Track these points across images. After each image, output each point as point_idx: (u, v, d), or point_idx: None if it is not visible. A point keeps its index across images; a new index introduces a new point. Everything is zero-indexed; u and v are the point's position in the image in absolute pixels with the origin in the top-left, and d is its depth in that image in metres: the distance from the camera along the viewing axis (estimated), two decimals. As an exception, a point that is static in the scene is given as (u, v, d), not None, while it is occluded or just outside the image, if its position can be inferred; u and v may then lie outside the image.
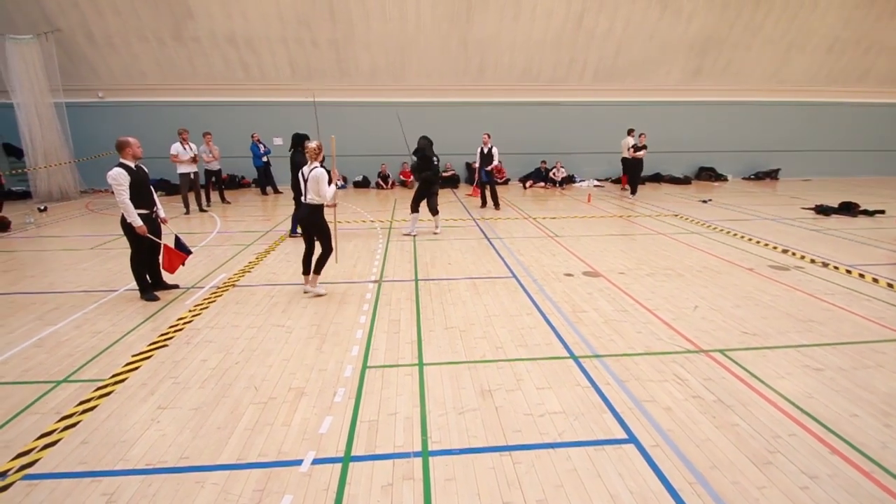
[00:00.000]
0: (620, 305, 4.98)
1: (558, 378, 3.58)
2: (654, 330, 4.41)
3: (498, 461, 2.71)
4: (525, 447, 2.83)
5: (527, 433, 2.95)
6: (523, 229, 8.68)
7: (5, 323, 4.63)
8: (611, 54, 14.14)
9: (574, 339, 4.21)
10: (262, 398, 3.34)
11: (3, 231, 8.74)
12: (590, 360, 3.86)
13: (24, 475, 2.61)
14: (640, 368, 3.72)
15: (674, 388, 3.47)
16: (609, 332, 4.34)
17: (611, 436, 2.94)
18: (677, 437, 2.93)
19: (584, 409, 3.20)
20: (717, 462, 2.72)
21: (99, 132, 13.57)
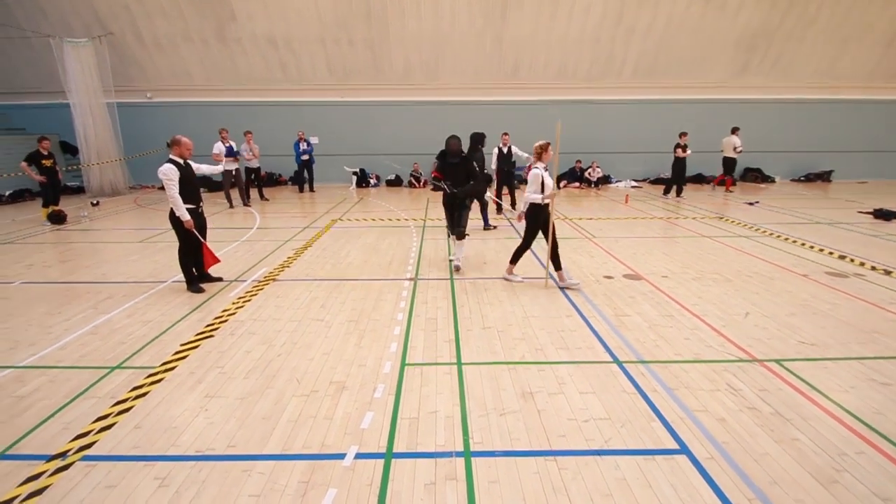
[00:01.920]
0: (665, 310, 4.79)
1: (602, 383, 3.46)
2: (702, 337, 4.21)
3: (542, 466, 2.64)
4: (570, 453, 2.74)
5: (571, 438, 2.86)
6: (559, 230, 8.42)
7: (63, 310, 4.88)
8: (651, 51, 13.71)
9: (617, 344, 4.07)
10: (305, 391, 3.38)
11: (60, 224, 9.26)
12: (635, 365, 3.72)
13: (82, 456, 2.73)
14: (689, 376, 3.56)
15: (727, 398, 3.30)
16: (654, 338, 4.18)
17: (661, 445, 2.81)
18: (733, 449, 2.78)
19: (631, 417, 3.08)
20: (778, 478, 2.55)
21: (147, 131, 14.22)
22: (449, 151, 5.84)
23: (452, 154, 5.82)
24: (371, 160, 15.00)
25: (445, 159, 5.89)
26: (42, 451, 2.78)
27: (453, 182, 5.89)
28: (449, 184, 5.93)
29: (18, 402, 3.28)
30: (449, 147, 5.83)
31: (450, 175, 5.90)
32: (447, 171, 5.91)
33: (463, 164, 5.88)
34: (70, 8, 12.68)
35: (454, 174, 5.88)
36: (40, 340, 4.19)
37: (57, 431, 2.95)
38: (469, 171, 5.89)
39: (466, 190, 5.92)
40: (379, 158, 14.94)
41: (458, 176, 5.88)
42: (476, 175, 5.94)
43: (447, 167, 5.90)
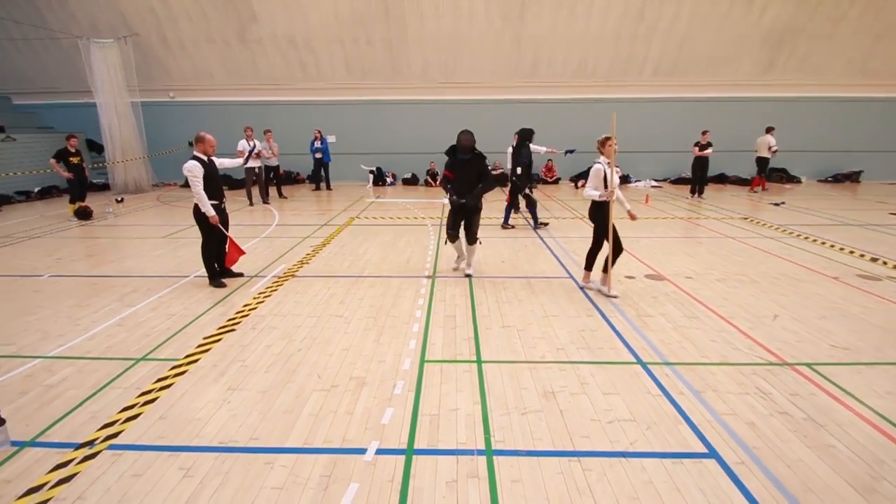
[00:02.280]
0: (690, 311, 4.68)
1: (626, 384, 3.39)
2: (729, 339, 4.10)
3: (566, 466, 2.59)
4: (595, 454, 2.68)
5: (595, 440, 2.80)
6: (578, 229, 8.41)
7: (91, 303, 4.99)
8: (674, 48, 13.45)
9: (641, 345, 3.98)
10: (325, 385, 3.38)
11: (86, 219, 9.50)
12: (659, 367, 3.63)
13: (109, 445, 2.77)
14: (717, 379, 3.46)
15: (756, 402, 3.19)
16: (679, 339, 4.08)
17: (689, 449, 2.74)
18: (764, 455, 2.68)
19: (656, 419, 3.00)
20: (813, 486, 2.46)
21: (169, 130, 14.52)
22: (460, 147, 5.34)
23: (464, 150, 5.32)
24: (388, 159, 15.05)
25: (455, 155, 5.43)
26: (70, 440, 2.83)
27: (463, 181, 5.42)
28: (455, 199, 5.48)
29: (48, 391, 3.36)
30: (460, 142, 5.32)
31: (460, 174, 5.43)
32: (457, 169, 5.44)
33: (475, 161, 5.39)
34: (98, 10, 13.01)
35: (465, 173, 5.40)
36: (69, 332, 4.29)
37: (84, 420, 3.01)
38: (481, 169, 5.41)
39: (476, 195, 5.44)
40: (397, 157, 14.98)
41: (469, 175, 5.40)
42: (488, 175, 5.46)
43: (457, 164, 5.43)
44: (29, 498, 2.39)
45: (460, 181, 5.45)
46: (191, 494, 2.38)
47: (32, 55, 14.09)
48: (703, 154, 11.54)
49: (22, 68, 14.45)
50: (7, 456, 2.70)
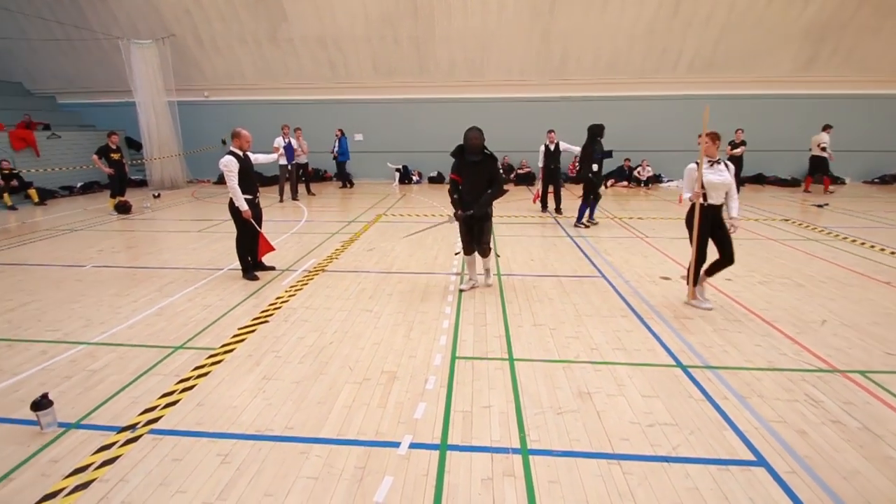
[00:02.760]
0: (731, 314, 4.49)
1: (665, 387, 3.27)
2: (775, 344, 3.91)
3: (605, 469, 2.50)
4: (635, 458, 2.59)
5: (635, 443, 2.70)
6: (608, 229, 8.22)
7: (131, 293, 5.15)
8: (710, 43, 13.01)
9: (680, 347, 3.84)
10: (357, 378, 3.38)
11: (125, 213, 9.86)
12: (700, 370, 3.49)
13: (150, 429, 2.84)
14: (763, 385, 3.30)
15: (806, 409, 3.03)
16: (721, 343, 3.91)
17: (735, 456, 2.61)
18: (817, 465, 2.54)
19: (699, 424, 2.88)
20: (872, 499, 2.31)
21: (203, 128, 14.95)
22: (468, 147, 4.61)
23: (472, 150, 4.60)
24: (414, 157, 15.09)
25: (463, 157, 4.73)
26: (113, 423, 2.91)
27: (472, 186, 4.76)
28: (460, 213, 4.82)
29: (91, 375, 3.47)
30: (468, 141, 4.58)
31: (468, 177, 4.76)
32: (465, 173, 4.77)
33: (486, 164, 4.68)
34: (137, 12, 13.48)
35: (474, 176, 4.73)
36: (110, 319, 4.44)
37: (126, 405, 3.09)
38: (492, 173, 4.72)
39: (483, 203, 4.73)
40: (423, 156, 15.02)
41: (479, 179, 4.72)
42: (498, 179, 4.76)
43: (465, 167, 4.73)
44: (75, 478, 2.46)
45: (469, 186, 4.78)
46: (229, 480, 2.41)
47: (75, 56, 14.73)
48: (736, 153, 11.13)
49: (66, 69, 15.12)
50: (55, 436, 2.79)
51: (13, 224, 9.12)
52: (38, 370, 3.55)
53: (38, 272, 5.95)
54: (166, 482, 2.41)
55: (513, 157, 14.71)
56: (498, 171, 4.82)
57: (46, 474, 2.50)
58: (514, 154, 14.71)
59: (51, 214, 10.08)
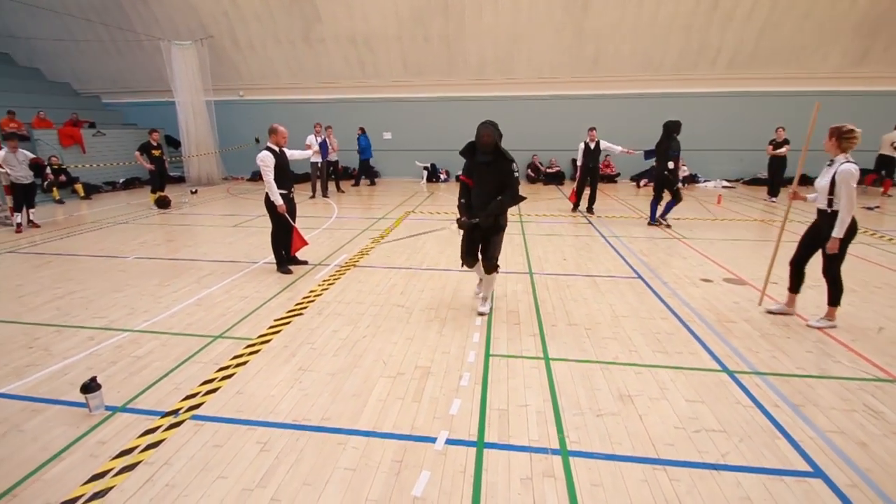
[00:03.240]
0: (779, 319, 4.28)
1: (711, 392, 3.13)
2: (828, 350, 3.69)
3: (650, 474, 2.40)
4: (681, 464, 2.47)
5: (681, 449, 2.59)
6: (642, 228, 7.99)
7: (172, 283, 5.31)
8: (752, 37, 12.49)
9: (725, 351, 3.67)
10: (391, 372, 3.37)
11: (165, 208, 10.21)
12: (748, 376, 3.33)
13: (192, 415, 2.90)
14: (817, 393, 3.12)
15: (866, 420, 2.84)
16: (769, 348, 3.72)
17: (790, 466, 2.46)
18: (881, 479, 2.37)
19: (749, 431, 2.73)
20: (947, 520, 2.13)
21: (238, 127, 15.36)
22: (479, 145, 3.96)
23: (484, 149, 3.95)
24: (442, 156, 15.09)
25: (474, 156, 4.08)
26: (157, 408, 2.99)
27: (481, 190, 4.08)
28: (464, 220, 4.17)
29: (136, 361, 3.58)
30: (479, 138, 3.94)
31: (478, 180, 4.10)
32: (474, 174, 4.13)
33: (499, 165, 3.98)
34: (178, 14, 13.96)
35: (484, 179, 4.07)
36: (153, 308, 4.59)
37: (169, 391, 3.17)
38: (505, 176, 4.00)
39: (491, 212, 4.03)
40: (451, 154, 14.98)
41: (489, 182, 4.04)
42: (513, 184, 4.01)
43: (475, 168, 4.09)
44: (121, 459, 2.54)
45: (478, 190, 4.11)
46: (268, 468, 2.43)
47: (119, 57, 15.37)
48: (778, 153, 10.63)
49: (110, 70, 15.80)
50: (102, 419, 2.89)
51: (61, 217, 9.58)
52: (86, 355, 3.69)
53: (85, 262, 6.21)
54: (208, 467, 2.45)
55: (542, 155, 14.52)
56: (513, 174, 3.99)
57: (95, 455, 2.58)
58: (543, 153, 14.52)
59: (95, 208, 10.54)
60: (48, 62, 15.88)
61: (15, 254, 6.72)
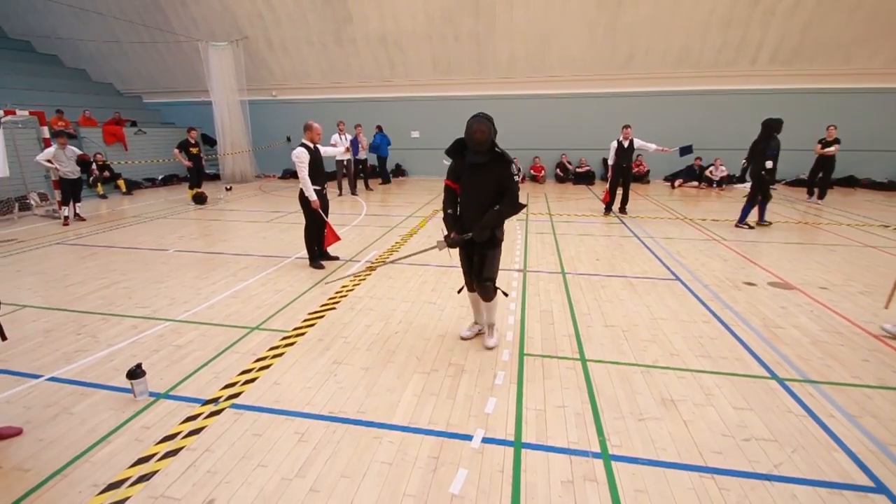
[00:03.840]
0: (831, 326, 4.05)
1: (760, 400, 2.98)
2: (886, 360, 3.47)
3: (698, 482, 2.30)
4: (731, 473, 2.36)
5: (730, 457, 2.47)
6: (679, 230, 7.73)
7: (209, 276, 5.45)
8: (796, 32, 11.94)
9: (773, 358, 3.50)
10: (425, 369, 3.35)
11: (202, 204, 10.52)
12: (800, 384, 3.16)
13: (231, 404, 2.95)
14: (875, 404, 2.93)
15: (934, 436, 2.64)
16: (821, 356, 3.53)
17: (849, 479, 2.32)
18: (954, 500, 2.19)
19: (803, 442, 2.59)
20: None
21: (270, 126, 15.71)
22: (471, 143, 3.19)
23: (476, 147, 3.18)
24: (470, 155, 15.03)
25: (463, 156, 3.32)
26: (198, 395, 3.06)
27: (473, 198, 3.34)
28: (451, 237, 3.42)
29: (177, 350, 3.68)
30: (471, 134, 3.16)
31: (469, 186, 3.34)
32: (464, 179, 3.35)
33: (493, 168, 3.23)
34: (215, 15, 14.37)
35: (476, 185, 3.30)
36: (192, 299, 4.71)
37: (209, 380, 3.24)
38: (502, 178, 3.25)
39: (487, 225, 3.29)
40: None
41: (483, 189, 3.29)
42: (512, 190, 3.27)
43: (464, 171, 3.32)
44: (165, 444, 2.60)
45: (469, 199, 3.37)
46: (307, 458, 2.44)
47: (159, 59, 15.94)
48: (827, 152, 10.12)
49: (151, 71, 16.41)
50: (146, 405, 2.97)
51: (104, 211, 9.99)
52: (129, 343, 3.82)
53: (127, 254, 6.45)
54: (248, 455, 2.48)
55: (571, 154, 14.28)
56: (512, 177, 3.26)
57: (139, 439, 2.65)
58: (572, 152, 14.28)
59: (136, 203, 10.95)
60: (93, 64, 16.63)
61: (63, 245, 7.04)
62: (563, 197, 11.47)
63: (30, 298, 4.81)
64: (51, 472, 2.41)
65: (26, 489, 2.30)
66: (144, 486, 2.30)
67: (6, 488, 2.31)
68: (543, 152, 14.42)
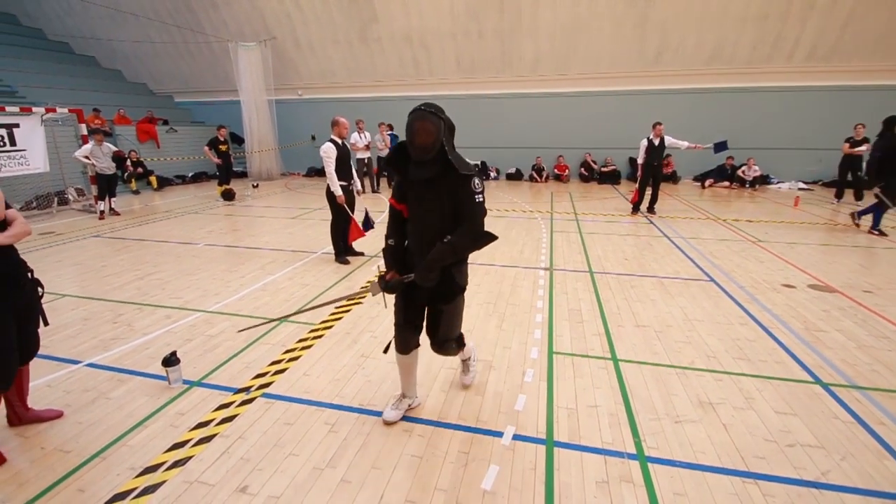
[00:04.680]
0: (877, 330, 3.85)
1: (804, 405, 2.85)
2: (941, 367, 3.28)
3: (741, 488, 2.20)
4: (776, 479, 2.25)
5: (774, 463, 2.36)
6: (712, 230, 7.50)
7: (238, 269, 5.55)
8: (836, 27, 11.46)
9: (816, 362, 3.34)
10: (453, 364, 3.32)
11: (230, 200, 10.75)
12: (847, 390, 3.00)
13: (262, 393, 2.98)
14: (931, 413, 2.76)
15: None
16: (868, 361, 3.36)
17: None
18: None
19: (852, 450, 2.46)
20: None
21: (296, 125, 15.95)
22: (412, 149, 2.30)
23: (420, 155, 2.28)
24: (492, 153, 14.97)
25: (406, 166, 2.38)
26: (230, 384, 3.10)
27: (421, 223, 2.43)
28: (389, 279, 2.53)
29: (209, 340, 3.75)
30: (412, 139, 2.27)
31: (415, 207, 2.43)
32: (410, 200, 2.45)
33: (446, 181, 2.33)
34: (244, 16, 14.67)
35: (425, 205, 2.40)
36: (223, 291, 4.80)
37: (240, 369, 3.29)
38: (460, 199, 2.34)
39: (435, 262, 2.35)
40: (501, 152, 14.88)
41: (433, 213, 2.39)
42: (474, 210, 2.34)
43: (408, 186, 2.43)
44: (200, 431, 2.64)
45: (416, 226, 2.46)
46: (338, 449, 2.45)
47: (190, 59, 16.37)
48: (855, 152, 9.66)
49: (182, 71, 16.87)
50: (180, 392, 3.03)
51: (137, 206, 10.31)
52: (164, 332, 3.91)
53: (160, 247, 6.63)
54: (280, 444, 2.50)
55: (596, 153, 14.05)
56: (472, 196, 2.32)
57: (175, 425, 2.70)
58: (598, 151, 14.04)
59: (167, 199, 11.27)
60: (128, 64, 17.20)
61: (99, 238, 7.28)
62: (588, 196, 11.29)
63: (69, 288, 4.98)
64: (90, 455, 2.47)
65: (67, 470, 2.37)
66: (180, 471, 2.33)
67: (49, 468, 2.38)
68: (568, 151, 14.23)
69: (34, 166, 8.97)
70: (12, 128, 8.59)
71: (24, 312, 2.53)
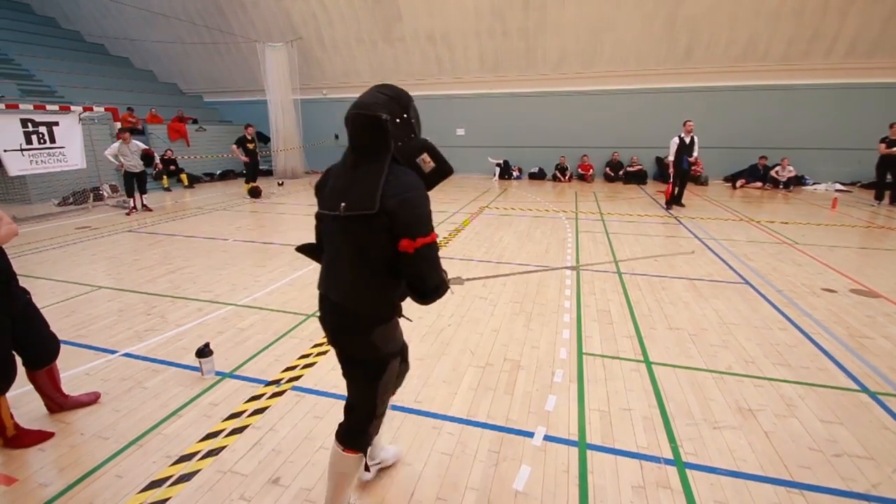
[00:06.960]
0: (928, 337, 3.66)
1: (850, 414, 2.71)
2: None
3: (786, 498, 2.11)
4: (823, 490, 2.15)
5: (820, 473, 2.26)
6: (745, 232, 7.26)
7: (267, 264, 5.64)
8: (879, 21, 10.95)
9: (862, 370, 3.19)
10: (480, 362, 3.29)
11: (256, 197, 10.95)
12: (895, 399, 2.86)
13: (292, 386, 3.01)
14: None
15: None
16: (920, 369, 3.19)
17: (968, 510, 2.05)
18: None
19: (907, 463, 2.33)
20: None
21: (320, 124, 16.14)
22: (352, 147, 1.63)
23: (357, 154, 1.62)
24: (515, 152, 14.86)
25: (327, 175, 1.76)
26: (260, 377, 3.14)
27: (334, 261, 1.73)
28: None
29: (240, 332, 3.81)
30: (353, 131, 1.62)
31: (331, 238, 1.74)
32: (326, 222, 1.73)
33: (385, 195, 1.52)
34: (272, 17, 14.92)
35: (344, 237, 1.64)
36: (252, 286, 4.88)
37: (270, 362, 3.33)
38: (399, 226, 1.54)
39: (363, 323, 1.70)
40: (524, 151, 14.76)
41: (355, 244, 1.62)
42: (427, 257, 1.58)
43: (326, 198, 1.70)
44: (232, 421, 2.68)
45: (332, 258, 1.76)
46: (368, 445, 2.44)
47: (219, 59, 16.76)
48: (892, 152, 9.23)
49: (212, 71, 17.29)
50: (213, 383, 3.08)
51: (169, 202, 10.59)
52: (196, 324, 3.99)
53: (190, 242, 6.78)
54: (311, 437, 2.52)
55: (623, 153, 13.78)
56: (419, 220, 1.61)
57: (208, 415, 2.75)
58: (624, 150, 13.78)
59: (197, 196, 11.54)
60: (160, 65, 17.72)
61: (133, 233, 7.51)
62: (613, 196, 11.08)
63: (104, 280, 5.14)
64: (128, 442, 2.53)
65: (106, 456, 2.43)
66: (213, 461, 2.37)
67: (88, 454, 2.45)
68: (592, 150, 14.02)
69: (72, 163, 9.30)
70: (52, 126, 8.93)
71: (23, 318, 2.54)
